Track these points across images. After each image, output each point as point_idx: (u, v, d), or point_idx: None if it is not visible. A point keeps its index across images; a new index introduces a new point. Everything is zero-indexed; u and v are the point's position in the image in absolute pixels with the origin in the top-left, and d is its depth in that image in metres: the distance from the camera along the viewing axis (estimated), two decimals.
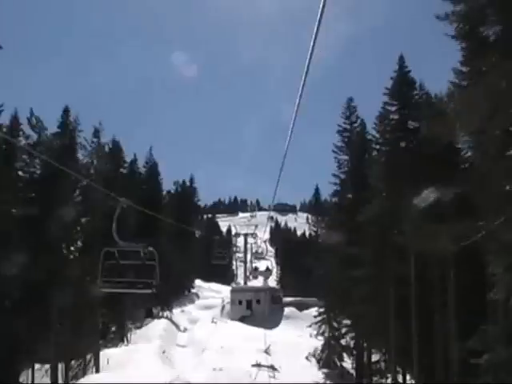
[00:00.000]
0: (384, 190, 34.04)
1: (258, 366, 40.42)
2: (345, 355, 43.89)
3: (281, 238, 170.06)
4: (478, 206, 23.54)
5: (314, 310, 54.03)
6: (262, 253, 62.59)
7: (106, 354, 35.01)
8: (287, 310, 62.08)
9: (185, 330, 54.72)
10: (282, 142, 8.62)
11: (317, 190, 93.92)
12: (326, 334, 44.45)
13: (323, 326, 45.15)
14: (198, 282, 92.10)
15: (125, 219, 46.95)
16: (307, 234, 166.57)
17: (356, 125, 46.52)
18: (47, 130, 34.99)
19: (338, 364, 43.38)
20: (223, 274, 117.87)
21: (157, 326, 49.46)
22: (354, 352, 42.80)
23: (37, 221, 31.26)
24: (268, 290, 67.57)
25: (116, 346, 41.57)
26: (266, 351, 43.46)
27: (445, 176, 29.92)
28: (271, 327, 55.75)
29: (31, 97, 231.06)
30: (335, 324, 43.97)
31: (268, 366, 40.77)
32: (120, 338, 44.68)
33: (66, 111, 39.81)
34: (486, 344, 21.69)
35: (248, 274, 72.84)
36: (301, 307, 62.17)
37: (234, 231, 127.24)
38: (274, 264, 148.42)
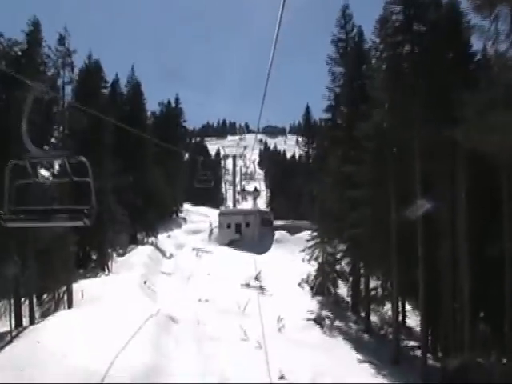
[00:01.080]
0: (386, 101, 29.92)
1: (247, 286, 39.18)
2: (339, 282, 41.13)
3: (270, 160, 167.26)
4: None
5: (306, 234, 51.15)
6: (250, 174, 59.68)
7: (83, 285, 31.57)
8: (278, 234, 58.44)
9: (171, 256, 51.51)
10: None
11: (307, 109, 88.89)
12: (320, 260, 41.39)
13: (316, 251, 42.01)
14: (186, 205, 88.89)
15: (101, 139, 43.05)
16: (297, 156, 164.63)
17: (352, 34, 42.12)
18: (2, 35, 29.84)
19: (333, 291, 40.58)
20: (212, 198, 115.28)
21: (141, 253, 46.06)
22: (350, 278, 39.95)
23: None
24: (258, 212, 64.03)
25: (96, 275, 38.40)
26: (257, 278, 40.55)
27: (456, 80, 26.19)
28: (261, 252, 52.73)
29: None
30: (329, 249, 40.81)
31: (257, 287, 39.43)
32: (101, 267, 41.42)
33: (35, 24, 34.32)
34: None
35: (237, 195, 69.72)
36: (292, 231, 58.59)
37: (222, 154, 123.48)
38: (264, 187, 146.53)
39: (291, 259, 48.95)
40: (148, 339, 22.15)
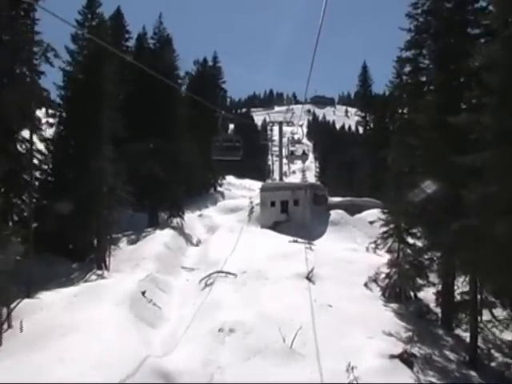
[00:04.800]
0: None
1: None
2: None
3: (319, 130, 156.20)
4: None
5: (368, 214, 39.48)
6: (298, 139, 49.29)
7: (43, 302, 20.30)
8: (334, 214, 45.02)
9: (198, 242, 39.92)
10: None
11: (364, 68, 74.58)
12: (395, 251, 29.22)
13: (390, 240, 29.82)
14: (229, 178, 77.78)
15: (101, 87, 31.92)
16: (347, 127, 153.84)
17: None
18: None
19: (412, 295, 28.46)
20: (259, 170, 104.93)
21: (157, 240, 34.61)
22: (437, 279, 27.49)
23: None
24: (309, 186, 50.55)
25: (84, 276, 27.17)
26: (308, 277, 28.52)
27: None
28: (314, 237, 39.87)
29: None
30: (408, 238, 28.59)
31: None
32: (97, 263, 30.06)
33: None
34: None
35: (284, 165, 58.71)
36: (351, 210, 45.51)
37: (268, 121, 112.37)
38: (313, 159, 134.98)
39: (353, 248, 36.87)
40: None
